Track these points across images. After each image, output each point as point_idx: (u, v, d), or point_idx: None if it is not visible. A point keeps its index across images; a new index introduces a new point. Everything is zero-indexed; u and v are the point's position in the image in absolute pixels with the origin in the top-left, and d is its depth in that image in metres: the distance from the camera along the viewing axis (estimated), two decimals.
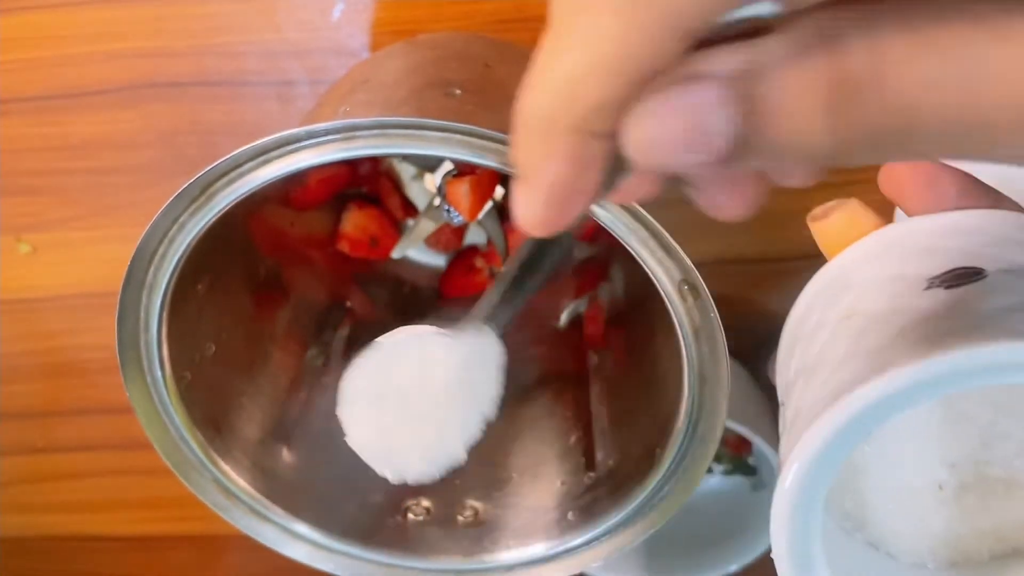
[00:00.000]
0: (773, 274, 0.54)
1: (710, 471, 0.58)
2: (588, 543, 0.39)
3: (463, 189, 0.47)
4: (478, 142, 0.31)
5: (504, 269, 0.33)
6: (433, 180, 0.48)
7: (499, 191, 0.48)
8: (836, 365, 0.22)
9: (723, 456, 0.60)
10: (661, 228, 0.32)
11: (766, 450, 0.50)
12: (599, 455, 0.42)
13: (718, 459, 0.60)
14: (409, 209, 0.50)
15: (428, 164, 0.48)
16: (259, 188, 0.33)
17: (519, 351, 0.51)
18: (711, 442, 0.35)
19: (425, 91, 0.36)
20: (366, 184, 0.50)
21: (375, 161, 0.49)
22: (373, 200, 0.50)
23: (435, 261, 0.52)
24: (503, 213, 0.49)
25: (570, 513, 0.41)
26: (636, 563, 0.57)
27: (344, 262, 0.50)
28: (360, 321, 0.50)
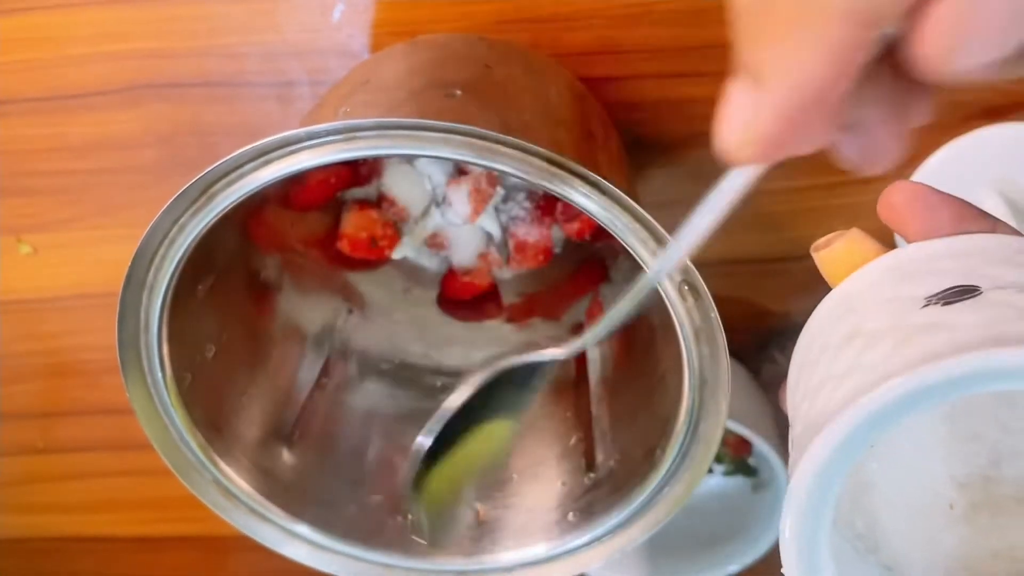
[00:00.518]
0: (773, 274, 0.54)
1: (710, 472, 0.58)
2: (588, 544, 0.39)
3: (463, 190, 0.47)
4: (478, 143, 0.31)
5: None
6: (433, 182, 0.48)
7: (499, 192, 0.48)
8: (839, 380, 0.23)
9: (723, 457, 0.60)
10: (661, 228, 0.32)
11: (766, 451, 0.50)
12: (599, 456, 0.42)
13: (718, 460, 0.60)
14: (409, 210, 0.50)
15: (429, 165, 0.48)
16: (259, 189, 0.33)
17: (520, 350, 0.51)
18: (711, 443, 0.36)
19: (425, 92, 0.36)
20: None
21: (375, 162, 0.49)
22: (373, 201, 0.50)
23: (435, 262, 0.52)
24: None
25: (570, 514, 0.41)
26: (636, 563, 0.57)
27: (344, 263, 0.50)
28: (360, 323, 0.51)
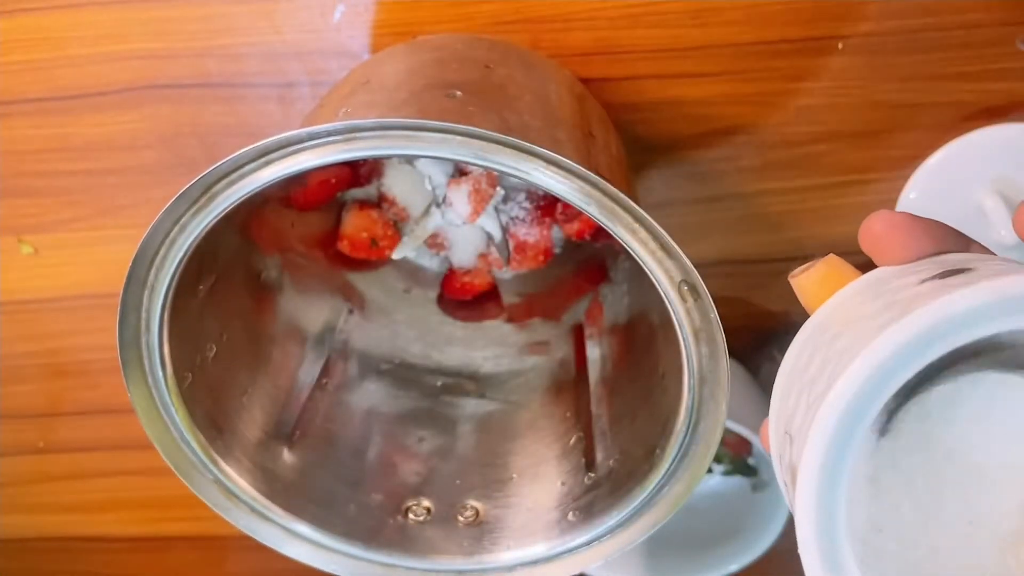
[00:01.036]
0: (773, 274, 0.54)
1: (710, 471, 0.58)
2: (588, 543, 0.39)
3: (464, 191, 0.47)
4: (478, 143, 0.31)
5: None
6: (434, 182, 0.48)
7: (499, 192, 0.48)
8: (831, 368, 0.22)
9: (723, 456, 0.60)
10: (661, 229, 0.32)
11: (766, 451, 0.50)
12: (599, 455, 0.42)
13: (718, 459, 0.60)
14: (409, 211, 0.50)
15: (429, 166, 0.48)
16: (260, 189, 0.33)
17: (520, 350, 0.51)
18: (711, 442, 0.36)
19: (425, 92, 0.36)
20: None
21: (375, 163, 0.49)
22: (373, 201, 0.50)
23: (435, 262, 0.52)
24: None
25: (570, 513, 0.41)
26: (636, 563, 0.57)
27: (344, 263, 0.50)
28: (360, 323, 0.51)
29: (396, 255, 0.50)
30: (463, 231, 0.50)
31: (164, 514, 0.65)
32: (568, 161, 0.31)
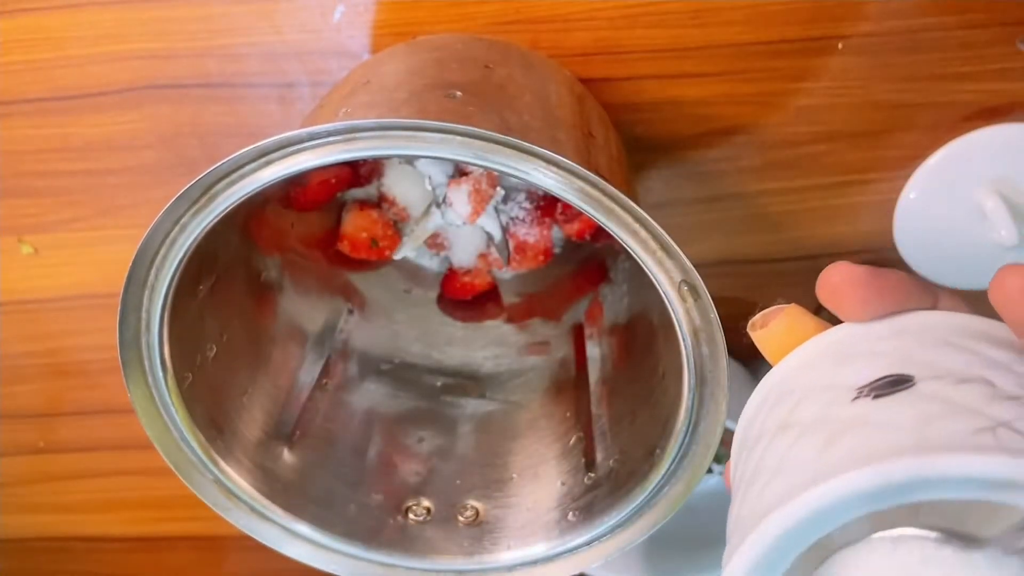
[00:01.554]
0: (773, 274, 0.54)
1: (710, 471, 0.57)
2: (588, 543, 0.39)
3: (464, 191, 0.47)
4: (478, 143, 0.31)
5: None
6: (434, 182, 0.48)
7: (499, 192, 0.48)
8: (769, 477, 0.22)
9: (723, 457, 0.60)
10: (661, 229, 0.32)
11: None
12: (599, 455, 0.42)
13: (718, 459, 0.60)
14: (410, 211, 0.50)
15: (429, 166, 0.48)
16: (260, 189, 0.33)
17: (519, 350, 0.51)
18: (711, 442, 0.36)
19: (425, 93, 0.36)
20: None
21: (376, 163, 0.49)
22: (373, 201, 0.50)
23: (435, 262, 0.52)
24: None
25: (570, 513, 0.41)
26: (636, 563, 0.57)
27: (345, 263, 0.50)
28: (360, 323, 0.51)
29: (396, 255, 0.50)
30: (463, 231, 0.50)
31: (164, 514, 0.65)
32: (568, 161, 0.31)
